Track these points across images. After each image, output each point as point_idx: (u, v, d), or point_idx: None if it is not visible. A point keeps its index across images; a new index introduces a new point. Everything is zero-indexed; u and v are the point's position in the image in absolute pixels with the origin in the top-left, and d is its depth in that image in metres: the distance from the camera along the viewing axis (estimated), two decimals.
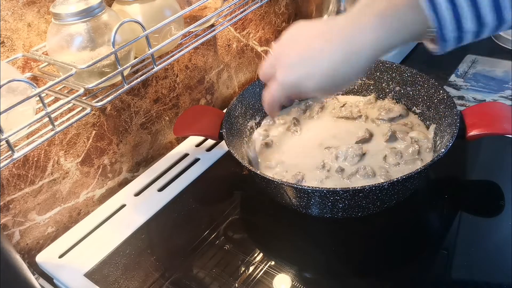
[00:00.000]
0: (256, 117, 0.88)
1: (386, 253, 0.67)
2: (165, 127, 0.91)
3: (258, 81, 0.87)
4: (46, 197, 0.73)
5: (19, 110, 0.50)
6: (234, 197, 0.79)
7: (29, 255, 0.73)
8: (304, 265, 0.67)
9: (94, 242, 0.73)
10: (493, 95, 0.95)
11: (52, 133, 0.54)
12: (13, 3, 0.62)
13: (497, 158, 0.81)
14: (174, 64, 0.88)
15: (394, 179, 0.62)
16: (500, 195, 0.73)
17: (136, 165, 0.87)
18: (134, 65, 0.64)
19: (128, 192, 0.81)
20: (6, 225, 0.69)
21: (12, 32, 0.63)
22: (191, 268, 0.68)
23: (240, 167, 0.81)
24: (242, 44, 1.03)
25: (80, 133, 0.75)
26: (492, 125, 0.71)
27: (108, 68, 0.60)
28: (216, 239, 0.71)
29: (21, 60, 0.64)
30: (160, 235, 0.74)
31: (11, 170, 0.67)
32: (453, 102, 0.74)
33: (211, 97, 1.00)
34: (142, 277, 0.67)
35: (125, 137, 0.83)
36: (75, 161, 0.76)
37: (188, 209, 0.78)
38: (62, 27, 0.58)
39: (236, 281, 0.64)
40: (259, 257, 0.68)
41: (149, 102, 0.85)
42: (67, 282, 0.68)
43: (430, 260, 0.65)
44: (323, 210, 0.67)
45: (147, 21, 0.63)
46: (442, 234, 0.70)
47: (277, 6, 1.09)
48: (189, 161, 0.86)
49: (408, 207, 0.72)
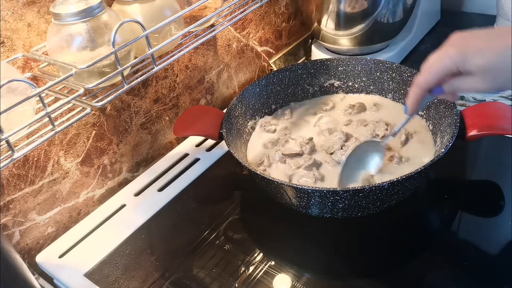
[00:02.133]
0: (256, 117, 0.88)
1: (386, 253, 0.67)
2: (165, 127, 0.91)
3: (258, 81, 0.87)
4: (46, 197, 0.73)
5: (19, 110, 0.50)
6: (234, 197, 0.79)
7: (29, 255, 0.73)
8: (304, 265, 0.67)
9: (94, 242, 0.73)
10: (493, 95, 0.95)
11: (52, 133, 0.54)
12: (13, 3, 0.62)
13: (497, 158, 0.81)
14: (174, 64, 0.88)
15: (394, 179, 0.62)
16: (500, 195, 0.73)
17: (136, 165, 0.87)
18: (134, 65, 0.64)
19: (128, 192, 0.81)
20: (6, 225, 0.69)
21: (12, 32, 0.63)
22: (191, 268, 0.68)
23: (240, 167, 0.82)
24: (242, 44, 1.03)
25: (80, 133, 0.75)
26: (492, 125, 0.71)
27: (108, 68, 0.60)
28: (216, 239, 0.71)
29: (21, 60, 0.64)
30: (160, 235, 0.74)
31: (11, 170, 0.67)
32: (453, 102, 0.74)
33: (211, 97, 1.00)
34: (142, 277, 0.67)
35: (125, 137, 0.83)
36: (75, 161, 0.76)
37: (188, 209, 0.78)
38: (62, 27, 0.58)
39: (236, 281, 0.64)
40: (259, 257, 0.68)
41: (149, 102, 0.85)
42: (67, 282, 0.68)
43: (430, 260, 0.65)
44: (323, 210, 0.67)
45: (147, 21, 0.63)
46: (442, 234, 0.70)
47: (277, 6, 1.09)
48: (189, 161, 0.86)
49: (408, 207, 0.72)
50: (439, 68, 0.53)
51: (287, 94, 0.91)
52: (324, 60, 0.91)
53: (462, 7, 1.29)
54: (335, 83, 0.92)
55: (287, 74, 0.90)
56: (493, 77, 0.51)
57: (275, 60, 1.15)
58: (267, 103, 0.89)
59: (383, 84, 0.88)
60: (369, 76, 0.89)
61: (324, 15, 0.99)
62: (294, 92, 0.91)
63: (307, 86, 0.92)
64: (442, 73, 0.54)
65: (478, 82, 0.52)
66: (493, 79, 0.51)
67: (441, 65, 0.53)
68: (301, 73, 0.91)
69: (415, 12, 1.07)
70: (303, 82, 0.91)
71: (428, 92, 0.57)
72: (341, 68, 0.91)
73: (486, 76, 0.51)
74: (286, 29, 1.15)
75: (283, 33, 1.15)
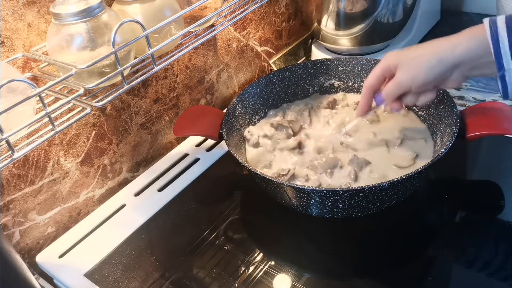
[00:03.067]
0: (256, 117, 0.88)
1: (386, 253, 0.67)
2: (165, 127, 0.91)
3: (258, 81, 0.87)
4: (46, 197, 0.73)
5: (19, 110, 0.50)
6: (234, 197, 0.79)
7: (29, 255, 0.73)
8: (304, 265, 0.67)
9: (94, 242, 0.73)
10: (493, 95, 0.95)
11: (52, 133, 0.54)
12: (13, 3, 0.62)
13: (497, 158, 0.81)
14: (174, 64, 0.88)
15: (394, 179, 0.62)
16: (500, 195, 0.73)
17: (136, 165, 0.87)
18: (134, 65, 0.64)
19: (128, 192, 0.81)
20: (6, 225, 0.69)
21: (12, 32, 0.63)
22: (191, 268, 0.68)
23: (240, 167, 0.82)
24: (242, 44, 1.03)
25: (80, 133, 0.75)
26: (492, 125, 0.71)
27: (108, 68, 0.60)
28: (216, 239, 0.71)
29: (21, 60, 0.64)
30: (160, 235, 0.74)
31: (11, 170, 0.67)
32: (453, 102, 0.74)
33: (211, 97, 1.00)
34: (142, 277, 0.67)
35: (125, 137, 0.83)
36: (75, 161, 0.76)
37: (188, 209, 0.78)
38: (62, 27, 0.58)
39: (236, 281, 0.64)
40: (259, 257, 0.68)
41: (149, 102, 0.85)
42: (67, 282, 0.68)
43: (430, 260, 0.65)
44: (323, 210, 0.67)
45: (147, 21, 0.63)
46: (442, 234, 0.70)
47: (277, 6, 1.09)
48: (189, 161, 0.86)
49: (408, 207, 0.72)
50: (378, 66, 0.68)
51: (287, 94, 0.91)
52: (324, 60, 0.91)
53: (462, 7, 1.30)
54: (335, 83, 0.92)
55: (287, 74, 0.90)
56: (408, 70, 0.64)
57: (275, 60, 1.15)
58: (267, 103, 0.89)
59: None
60: None
61: (324, 15, 0.99)
62: (294, 92, 0.92)
63: (307, 86, 0.92)
64: (381, 70, 0.68)
65: (398, 74, 0.65)
66: (408, 71, 0.64)
67: (378, 65, 0.68)
68: (301, 73, 0.91)
69: (415, 12, 1.07)
70: (303, 82, 0.91)
71: (373, 96, 0.71)
72: (341, 68, 0.91)
73: (404, 68, 0.65)
74: (286, 29, 1.15)
75: (283, 33, 1.15)
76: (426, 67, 0.63)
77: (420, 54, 0.64)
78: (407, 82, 0.65)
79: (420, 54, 0.64)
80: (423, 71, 0.63)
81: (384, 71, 0.68)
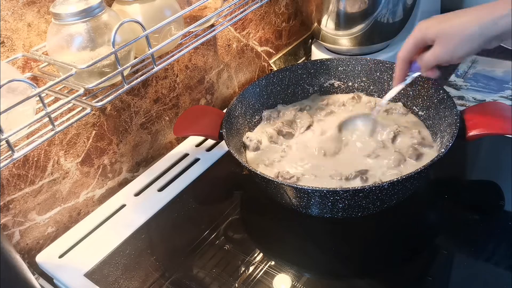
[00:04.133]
0: (256, 117, 0.88)
1: (386, 253, 0.67)
2: (165, 127, 0.91)
3: (258, 81, 0.87)
4: (46, 197, 0.73)
5: (19, 110, 0.50)
6: (234, 197, 0.79)
7: (29, 255, 0.73)
8: (304, 265, 0.67)
9: (94, 242, 0.73)
10: (493, 95, 0.96)
11: (52, 133, 0.54)
12: (13, 3, 0.62)
13: (497, 158, 0.81)
14: (174, 64, 0.88)
15: (394, 179, 0.62)
16: (500, 195, 0.73)
17: (136, 165, 0.87)
18: (134, 65, 0.64)
19: (128, 192, 0.81)
20: (6, 225, 0.69)
21: (12, 32, 0.63)
22: (191, 268, 0.68)
23: (240, 167, 0.81)
24: (242, 44, 1.03)
25: (80, 133, 0.75)
26: (492, 125, 0.71)
27: (108, 68, 0.60)
28: (216, 239, 0.71)
29: (21, 60, 0.64)
30: (160, 235, 0.74)
31: (11, 170, 0.67)
32: (453, 102, 0.74)
33: (211, 97, 1.00)
34: (142, 277, 0.67)
35: (125, 137, 0.83)
36: (75, 161, 0.76)
37: (188, 209, 0.78)
38: (62, 27, 0.58)
39: (236, 281, 0.64)
40: (259, 257, 0.68)
41: (149, 102, 0.85)
42: (67, 282, 0.68)
43: (430, 260, 0.65)
44: (323, 210, 0.67)
45: (147, 21, 0.63)
46: (442, 234, 0.70)
47: (277, 6, 1.09)
48: (189, 161, 0.86)
49: (408, 207, 0.72)
50: (411, 38, 0.68)
51: (287, 94, 0.91)
52: (324, 60, 0.91)
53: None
54: (335, 83, 0.92)
55: (287, 74, 0.90)
56: (448, 44, 0.64)
57: (275, 60, 1.15)
58: (267, 103, 0.89)
59: (383, 84, 0.88)
60: (369, 76, 0.89)
61: (324, 15, 0.99)
62: (294, 92, 0.92)
63: (307, 86, 0.92)
64: (414, 43, 0.67)
65: (438, 49, 0.65)
66: (448, 45, 0.64)
67: (411, 37, 0.67)
68: (301, 73, 0.91)
69: (415, 12, 1.07)
70: (303, 82, 0.91)
71: (409, 66, 0.70)
72: (341, 68, 0.91)
73: (443, 42, 0.64)
74: (286, 29, 1.15)
75: (283, 33, 1.15)
76: (466, 41, 0.62)
77: (460, 27, 0.62)
78: (447, 56, 0.64)
79: (459, 27, 0.63)
80: (464, 46, 0.62)
81: (418, 44, 0.67)
